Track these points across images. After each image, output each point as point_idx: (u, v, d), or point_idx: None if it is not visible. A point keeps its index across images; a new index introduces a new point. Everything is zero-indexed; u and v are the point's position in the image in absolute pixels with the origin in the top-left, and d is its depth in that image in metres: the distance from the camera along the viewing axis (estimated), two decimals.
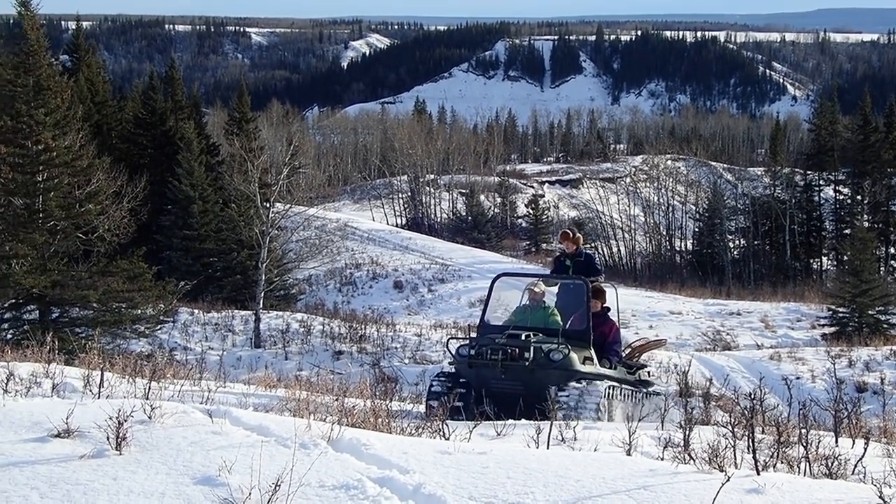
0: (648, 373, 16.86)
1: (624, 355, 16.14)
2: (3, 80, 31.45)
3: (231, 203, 43.86)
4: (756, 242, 77.20)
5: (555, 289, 15.79)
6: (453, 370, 14.54)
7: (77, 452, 6.02)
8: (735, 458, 6.88)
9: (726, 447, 6.85)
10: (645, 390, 15.91)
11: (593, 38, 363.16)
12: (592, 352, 14.00)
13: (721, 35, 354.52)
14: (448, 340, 15.45)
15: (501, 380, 13.17)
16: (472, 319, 31.46)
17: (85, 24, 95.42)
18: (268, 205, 38.41)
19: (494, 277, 15.52)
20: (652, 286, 62.15)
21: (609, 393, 13.57)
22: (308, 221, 45.45)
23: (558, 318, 14.49)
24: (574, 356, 13.39)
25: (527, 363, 13.09)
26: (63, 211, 29.05)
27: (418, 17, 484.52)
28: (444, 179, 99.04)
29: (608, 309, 15.22)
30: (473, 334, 14.82)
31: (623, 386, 14.65)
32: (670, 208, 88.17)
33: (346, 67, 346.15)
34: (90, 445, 6.15)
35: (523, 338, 13.42)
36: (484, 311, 15.07)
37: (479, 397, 12.62)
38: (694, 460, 6.65)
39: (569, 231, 16.09)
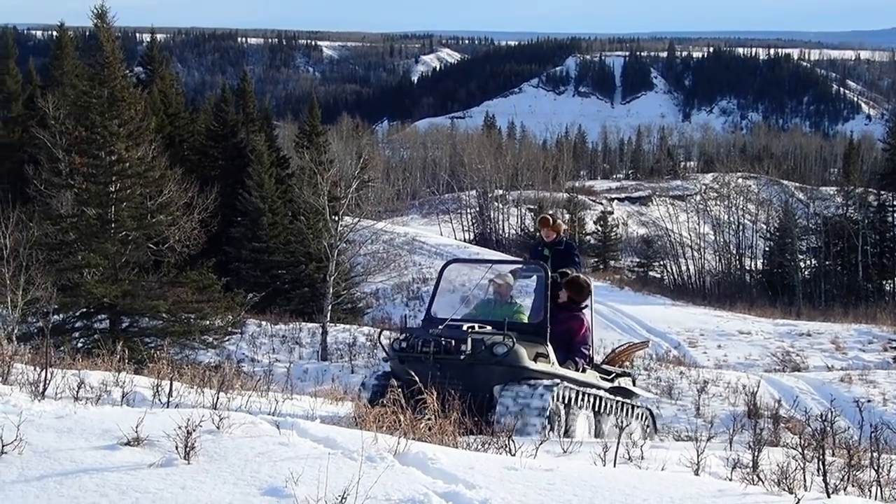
0: (633, 381, 15.06)
1: (605, 359, 14.99)
2: (79, 92, 32.05)
3: (300, 216, 44.13)
4: (827, 263, 76.21)
5: (526, 282, 14.33)
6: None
7: (146, 461, 6.06)
8: (805, 481, 6.78)
9: (796, 469, 6.76)
10: (622, 400, 14.01)
11: (665, 54, 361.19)
12: (550, 349, 12.22)
13: (794, 52, 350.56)
14: (379, 333, 13.63)
15: (437, 377, 10.71)
16: None
17: (159, 36, 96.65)
18: (336, 218, 38.59)
19: (445, 264, 13.82)
20: (721, 305, 61.58)
21: (565, 396, 11.90)
22: (376, 235, 45.72)
23: (525, 317, 12.81)
24: (522, 351, 11.63)
25: (462, 357, 11.40)
26: (135, 221, 29.46)
27: (489, 31, 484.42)
28: (513, 195, 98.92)
29: (583, 305, 13.50)
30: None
31: (588, 391, 12.73)
32: (741, 227, 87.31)
33: (416, 82, 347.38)
34: (159, 454, 6.20)
35: (464, 328, 11.75)
36: (430, 301, 13.14)
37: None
38: (763, 481, 6.57)
39: (548, 217, 14.54)
